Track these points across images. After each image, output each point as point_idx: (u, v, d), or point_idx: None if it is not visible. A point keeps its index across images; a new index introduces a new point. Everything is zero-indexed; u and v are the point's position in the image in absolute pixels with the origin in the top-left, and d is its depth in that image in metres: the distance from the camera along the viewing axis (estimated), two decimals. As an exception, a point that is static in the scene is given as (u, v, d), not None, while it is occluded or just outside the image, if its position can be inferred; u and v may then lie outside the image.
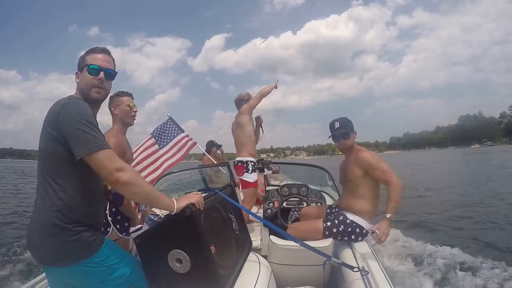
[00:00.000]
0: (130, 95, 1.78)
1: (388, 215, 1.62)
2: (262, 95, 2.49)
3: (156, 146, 3.53)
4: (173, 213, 1.02)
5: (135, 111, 1.76)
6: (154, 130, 3.67)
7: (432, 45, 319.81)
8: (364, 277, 1.32)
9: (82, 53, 1.10)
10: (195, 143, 3.89)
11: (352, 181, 1.84)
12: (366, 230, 1.77)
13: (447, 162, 23.65)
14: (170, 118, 3.84)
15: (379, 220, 1.65)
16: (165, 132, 3.69)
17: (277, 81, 2.56)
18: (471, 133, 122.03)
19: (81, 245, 0.92)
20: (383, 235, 1.55)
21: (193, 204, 1.05)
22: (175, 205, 1.01)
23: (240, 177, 2.50)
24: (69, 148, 0.90)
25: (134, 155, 3.05)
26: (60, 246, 0.90)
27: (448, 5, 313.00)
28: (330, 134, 1.93)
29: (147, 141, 3.51)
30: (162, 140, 3.62)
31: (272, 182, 3.36)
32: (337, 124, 1.87)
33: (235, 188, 1.83)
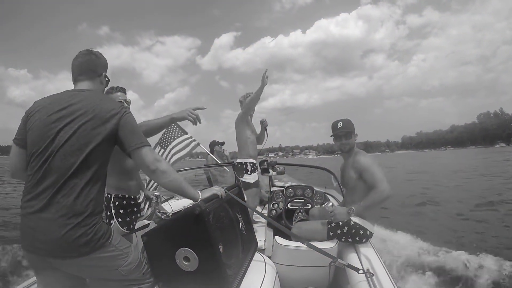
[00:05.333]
0: (120, 90, 1.77)
1: (353, 207, 1.76)
2: (257, 96, 2.47)
3: (158, 147, 3.67)
4: (197, 202, 1.17)
5: (126, 107, 1.72)
6: (159, 140, 3.79)
7: (442, 44, 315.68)
8: (369, 279, 1.37)
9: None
10: (198, 144, 4.00)
11: (349, 184, 1.94)
12: (369, 231, 1.84)
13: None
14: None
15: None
16: (167, 134, 3.80)
17: (266, 71, 2.31)
18: (492, 131, 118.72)
19: (104, 230, 1.05)
20: (334, 214, 1.80)
21: (215, 194, 1.25)
22: (200, 196, 1.19)
23: (240, 179, 2.59)
24: (112, 143, 1.08)
25: None
26: (89, 233, 0.99)
27: (459, 4, 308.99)
28: (332, 134, 2.01)
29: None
30: (164, 142, 3.75)
31: (277, 183, 3.42)
32: (340, 124, 1.97)
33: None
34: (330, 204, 1.91)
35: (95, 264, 1.03)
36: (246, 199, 2.55)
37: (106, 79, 1.25)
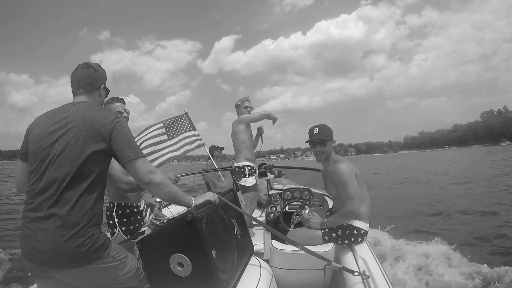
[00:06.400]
0: (118, 101, 1.84)
1: (325, 220, 1.91)
2: (264, 116, 2.63)
3: (165, 136, 3.66)
4: (191, 208, 1.20)
5: (125, 117, 1.80)
6: (167, 120, 3.80)
7: (443, 44, 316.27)
8: (365, 281, 1.38)
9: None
10: (203, 144, 4.02)
11: (333, 194, 1.97)
12: (364, 230, 1.86)
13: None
14: (186, 113, 3.98)
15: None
16: (177, 124, 3.83)
17: (277, 119, 2.66)
18: (497, 130, 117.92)
19: (101, 241, 1.06)
20: (311, 222, 1.92)
21: (209, 200, 1.29)
22: (193, 203, 1.24)
23: (238, 182, 2.61)
24: (108, 154, 1.09)
25: (140, 138, 3.30)
26: (85, 245, 1.00)
27: (458, 3, 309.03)
28: (308, 139, 1.98)
29: (157, 129, 3.64)
30: (172, 131, 3.75)
31: (275, 186, 3.43)
32: (316, 130, 1.94)
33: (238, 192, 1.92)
34: (307, 211, 2.00)
35: (92, 274, 1.05)
36: (244, 203, 2.57)
37: (105, 90, 1.27)
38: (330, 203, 2.68)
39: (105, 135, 1.07)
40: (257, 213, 2.99)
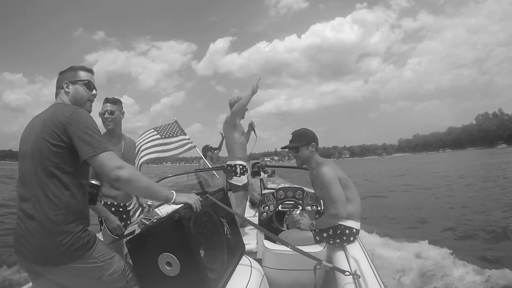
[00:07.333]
0: (108, 101, 1.87)
1: (314, 222, 1.90)
2: (241, 108, 2.57)
3: (158, 135, 3.84)
4: (170, 203, 1.17)
5: (106, 117, 1.83)
6: (157, 127, 3.99)
7: (437, 47, 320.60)
8: (356, 280, 1.37)
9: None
10: (194, 146, 4.10)
11: (321, 196, 1.98)
12: (355, 229, 1.86)
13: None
14: (176, 121, 4.16)
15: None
16: (168, 129, 4.03)
17: (259, 80, 2.58)
18: (492, 132, 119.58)
19: (83, 241, 1.05)
20: (301, 224, 1.91)
21: (189, 205, 1.18)
22: (174, 198, 1.16)
23: (229, 181, 2.60)
24: (72, 150, 1.05)
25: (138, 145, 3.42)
26: (65, 243, 1.01)
27: (453, 7, 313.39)
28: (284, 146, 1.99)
29: (150, 134, 3.84)
30: (164, 133, 3.94)
31: (270, 186, 3.44)
32: (291, 137, 1.95)
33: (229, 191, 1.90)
34: (298, 212, 2.00)
35: (75, 273, 1.06)
36: (234, 201, 2.55)
37: (77, 84, 1.21)
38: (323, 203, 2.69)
39: (62, 130, 1.03)
40: (250, 213, 3.00)
